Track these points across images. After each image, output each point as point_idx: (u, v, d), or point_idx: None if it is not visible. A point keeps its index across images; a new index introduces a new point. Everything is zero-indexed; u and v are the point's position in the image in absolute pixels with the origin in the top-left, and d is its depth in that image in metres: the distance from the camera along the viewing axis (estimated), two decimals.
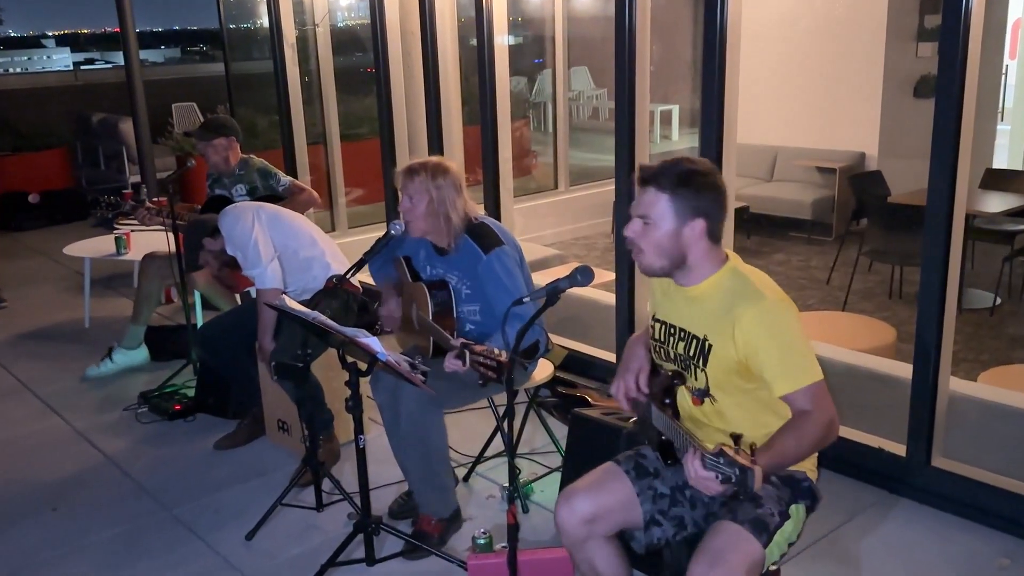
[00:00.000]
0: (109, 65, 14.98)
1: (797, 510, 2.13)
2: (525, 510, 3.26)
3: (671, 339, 2.22)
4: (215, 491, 3.54)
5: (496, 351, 2.38)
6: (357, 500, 2.96)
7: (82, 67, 14.76)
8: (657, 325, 2.28)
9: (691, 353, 2.15)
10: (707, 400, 2.16)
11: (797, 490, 2.15)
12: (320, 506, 3.31)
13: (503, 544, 2.43)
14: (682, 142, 11.36)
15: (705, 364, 2.12)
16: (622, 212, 3.93)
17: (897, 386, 3.35)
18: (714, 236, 2.11)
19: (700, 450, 1.82)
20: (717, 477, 1.75)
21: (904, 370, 3.32)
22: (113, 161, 9.78)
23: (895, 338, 4.22)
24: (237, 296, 4.72)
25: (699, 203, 2.06)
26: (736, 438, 1.78)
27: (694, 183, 2.06)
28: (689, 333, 2.16)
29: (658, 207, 2.06)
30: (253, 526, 3.20)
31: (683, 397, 2.23)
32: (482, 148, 4.80)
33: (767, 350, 2.02)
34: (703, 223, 2.07)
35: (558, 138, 7.71)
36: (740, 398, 2.12)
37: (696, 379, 2.17)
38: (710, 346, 2.10)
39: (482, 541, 2.84)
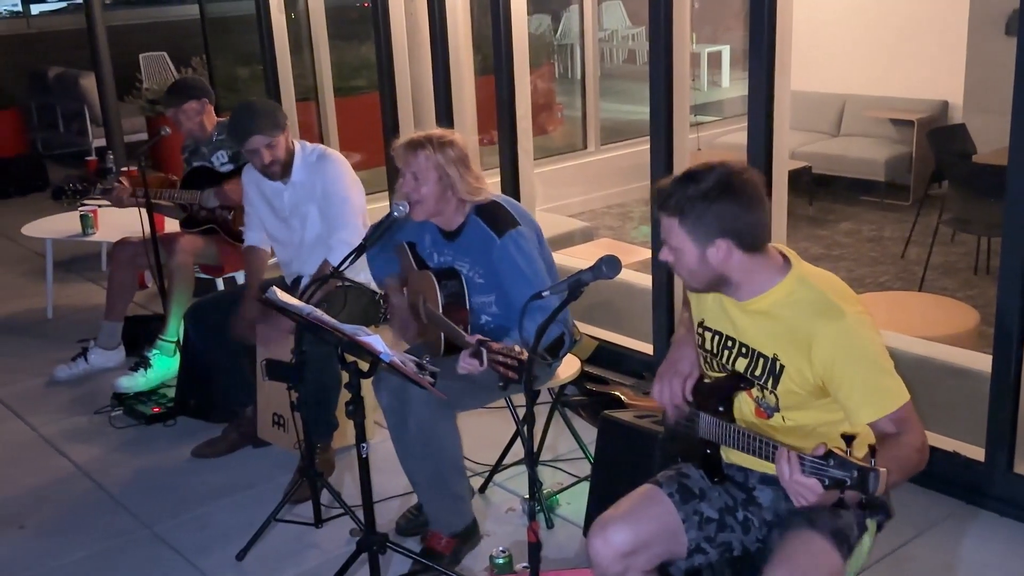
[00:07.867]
0: (63, 3, 15.03)
1: (871, 525, 2.22)
2: (549, 525, 3.36)
3: (726, 353, 2.27)
4: (200, 505, 3.65)
5: (517, 348, 2.47)
6: (360, 515, 3.05)
7: (32, 6, 14.80)
8: (708, 335, 2.32)
9: (757, 373, 2.21)
10: (776, 416, 2.22)
11: None
12: (319, 522, 3.42)
13: (524, 564, 2.53)
14: (734, 88, 11.29)
15: (776, 385, 2.18)
16: (658, 175, 3.96)
17: (976, 380, 3.39)
18: (751, 247, 2.13)
19: (794, 453, 1.86)
20: (824, 482, 1.80)
21: (984, 361, 3.36)
22: (73, 122, 9.89)
23: (977, 322, 4.25)
24: (219, 280, 4.84)
25: (715, 223, 2.09)
26: (849, 438, 1.80)
27: (702, 202, 2.08)
28: (753, 350, 2.21)
29: (675, 234, 2.13)
30: (244, 545, 3.31)
31: (743, 405, 2.28)
32: (496, 102, 4.80)
33: (850, 375, 2.07)
34: (726, 243, 2.10)
35: (587, 88, 7.69)
36: (818, 412, 2.19)
37: (765, 398, 2.23)
38: (782, 367, 2.16)
39: (501, 560, 2.94)
